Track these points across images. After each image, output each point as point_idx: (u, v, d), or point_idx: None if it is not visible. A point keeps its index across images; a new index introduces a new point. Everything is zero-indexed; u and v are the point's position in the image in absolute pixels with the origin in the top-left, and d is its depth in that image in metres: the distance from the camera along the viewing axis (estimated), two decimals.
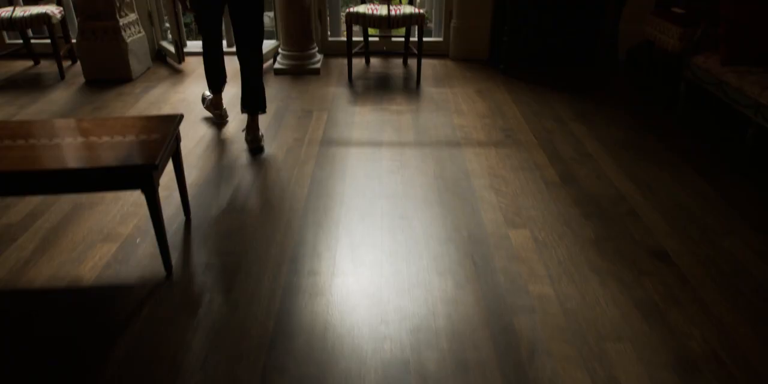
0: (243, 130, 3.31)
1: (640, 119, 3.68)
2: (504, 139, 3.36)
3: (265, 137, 3.37)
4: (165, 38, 5.06)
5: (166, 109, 3.85)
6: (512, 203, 2.65)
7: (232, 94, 3.99)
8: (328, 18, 5.00)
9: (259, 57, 3.20)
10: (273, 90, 4.24)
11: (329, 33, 5.06)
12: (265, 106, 3.28)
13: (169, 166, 2.44)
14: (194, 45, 5.34)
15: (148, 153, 1.93)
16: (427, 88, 4.27)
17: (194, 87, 4.29)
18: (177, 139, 2.29)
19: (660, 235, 2.41)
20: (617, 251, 2.30)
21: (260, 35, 3.15)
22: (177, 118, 2.22)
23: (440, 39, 5.09)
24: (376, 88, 4.26)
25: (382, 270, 2.16)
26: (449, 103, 3.93)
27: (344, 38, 4.97)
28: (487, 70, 4.71)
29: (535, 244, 2.34)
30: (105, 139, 2.04)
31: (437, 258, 2.24)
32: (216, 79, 3.53)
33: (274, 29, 4.98)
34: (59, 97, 4.14)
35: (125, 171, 1.86)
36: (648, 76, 4.49)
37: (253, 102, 3.24)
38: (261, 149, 3.20)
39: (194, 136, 3.42)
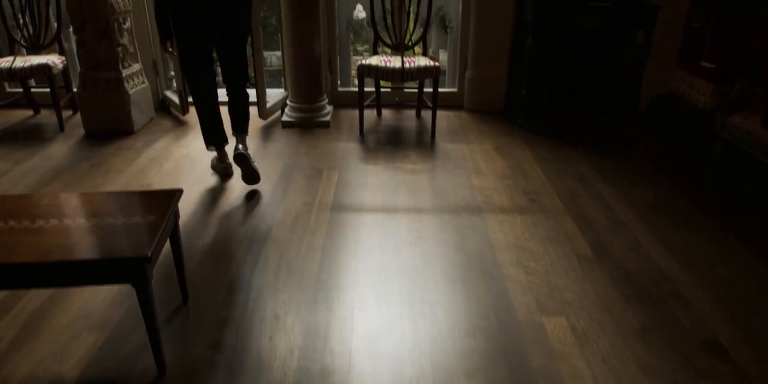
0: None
1: (670, 179, 3.46)
2: (528, 204, 3.13)
3: (271, 193, 3.21)
4: (170, 87, 4.90)
5: (168, 167, 3.65)
6: (543, 283, 2.40)
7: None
8: (338, 67, 4.85)
9: (242, 85, 3.39)
10: (281, 144, 4.05)
11: (339, 82, 4.90)
12: (247, 127, 3.46)
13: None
14: None
15: (141, 241, 1.70)
16: (443, 143, 4.07)
17: (198, 141, 4.10)
18: (176, 216, 2.07)
19: (711, 323, 2.15)
20: (667, 345, 2.04)
21: (245, 69, 3.38)
22: (176, 196, 2.00)
23: (454, 89, 4.92)
24: (389, 143, 4.07)
25: (404, 371, 1.90)
26: (467, 161, 3.72)
27: (355, 88, 4.82)
28: (504, 123, 4.52)
29: (573, 335, 2.08)
30: (93, 221, 1.81)
31: (465, 354, 1.98)
32: (215, 135, 3.42)
33: (282, 78, 4.83)
34: (57, 151, 3.96)
35: (113, 265, 1.63)
36: (672, 129, 4.29)
37: (239, 125, 3.42)
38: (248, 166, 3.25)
39: (195, 199, 3.20)
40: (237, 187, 3.35)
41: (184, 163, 3.70)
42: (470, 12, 4.59)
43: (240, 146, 3.29)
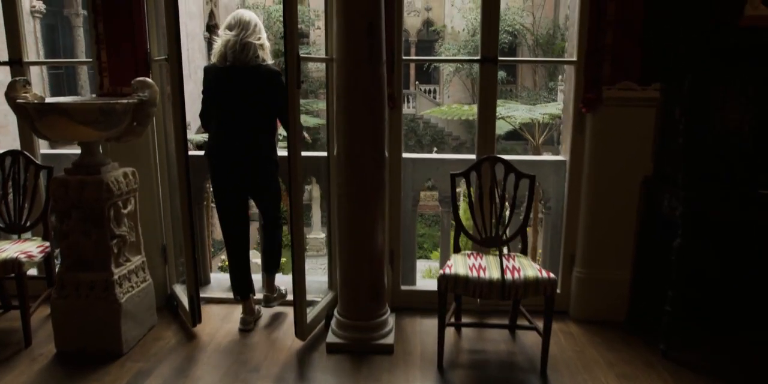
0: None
1: None
2: None
3: None
4: (180, 279, 3.75)
5: None
6: None
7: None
8: (401, 258, 3.68)
9: (277, 225, 3.56)
10: None
11: (401, 279, 3.71)
12: (278, 265, 3.66)
13: None
14: (220, 280, 4.04)
15: None
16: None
17: (211, 376, 2.86)
18: None
19: None
20: None
21: (277, 209, 3.56)
22: None
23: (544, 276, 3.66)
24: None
25: None
26: None
27: (420, 286, 3.67)
28: (635, 345, 3.22)
29: None
30: None
31: None
32: (243, 285, 3.47)
33: (328, 277, 3.67)
34: (11, 381, 2.77)
35: None
36: None
37: (270, 263, 3.62)
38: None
39: None
40: None
41: None
42: (581, 191, 3.47)
43: (266, 292, 3.58)
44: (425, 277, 8.60)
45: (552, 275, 2.88)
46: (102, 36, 3.32)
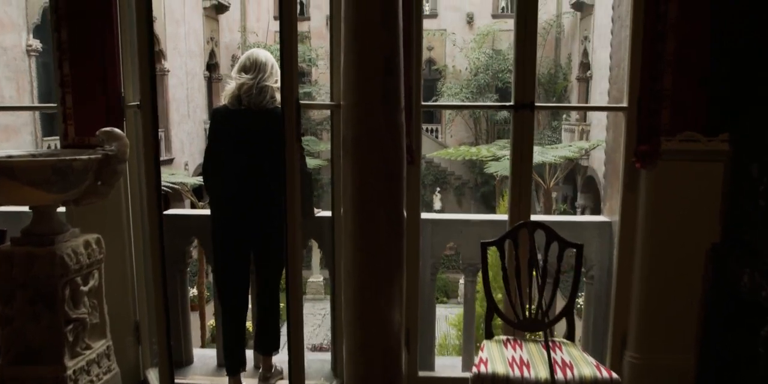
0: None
1: None
2: None
3: None
4: (155, 360, 3.15)
5: None
6: None
7: None
8: (418, 338, 3.09)
9: (276, 296, 3.14)
10: None
11: (418, 364, 3.11)
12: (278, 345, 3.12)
13: None
14: (206, 358, 3.45)
15: None
16: None
17: None
18: None
19: None
20: None
21: (279, 276, 3.03)
22: None
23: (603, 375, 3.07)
24: None
25: None
26: None
27: (441, 371, 3.12)
28: None
29: None
30: None
31: None
32: (234, 358, 3.05)
33: (331, 358, 3.08)
34: None
35: None
36: None
37: (266, 341, 3.12)
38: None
39: None
40: None
41: None
42: (633, 259, 2.92)
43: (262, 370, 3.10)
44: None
45: (615, 375, 2.30)
46: (67, 77, 2.82)
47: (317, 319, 15.04)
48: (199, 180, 10.30)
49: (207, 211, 3.22)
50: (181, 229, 3.27)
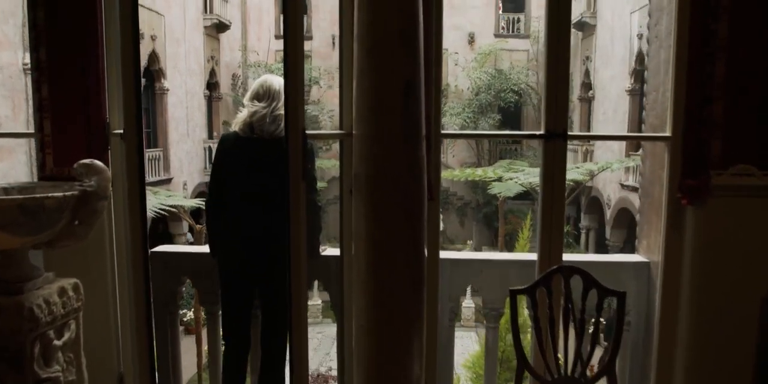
0: None
1: None
2: None
3: None
4: None
5: None
6: None
7: None
8: None
9: (283, 332, 2.77)
10: None
11: None
12: None
13: None
14: None
15: None
16: None
17: None
18: None
19: None
20: None
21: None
22: None
23: None
24: None
25: None
26: None
27: None
28: None
29: None
30: None
31: None
32: None
33: None
34: None
35: None
36: None
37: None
38: None
39: None
40: None
41: None
42: (678, 306, 2.60)
43: None
44: None
45: None
46: (46, 101, 2.52)
47: (314, 342, 14.58)
48: (197, 202, 9.98)
49: (200, 249, 2.93)
50: (172, 269, 2.96)
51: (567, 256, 2.70)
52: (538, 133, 2.56)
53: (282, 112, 2.72)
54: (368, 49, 2.03)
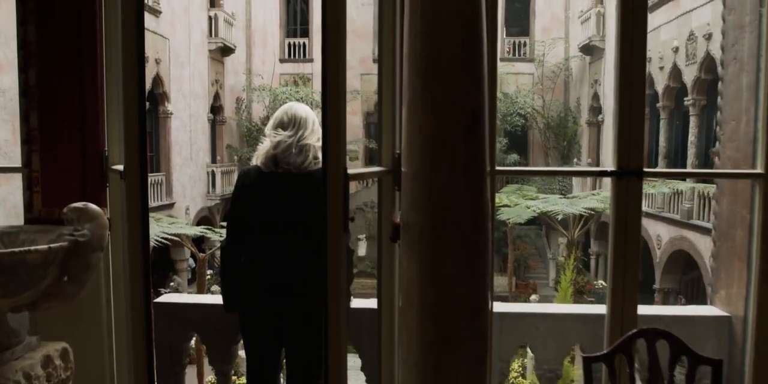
0: None
1: None
2: None
3: None
4: None
5: None
6: None
7: None
8: None
9: None
10: None
11: None
12: None
13: None
14: None
15: None
16: None
17: None
18: None
19: None
20: None
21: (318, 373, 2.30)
22: None
23: None
24: None
25: None
26: None
27: None
28: None
29: None
30: None
31: None
32: None
33: None
34: None
35: None
36: None
37: None
38: None
39: None
40: None
41: None
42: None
43: None
44: None
45: None
46: (35, 132, 2.17)
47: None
48: (201, 231, 9.60)
49: (210, 299, 2.56)
50: (179, 323, 2.58)
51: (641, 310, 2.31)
52: (609, 169, 2.19)
53: (309, 141, 2.42)
54: (422, 73, 1.67)
